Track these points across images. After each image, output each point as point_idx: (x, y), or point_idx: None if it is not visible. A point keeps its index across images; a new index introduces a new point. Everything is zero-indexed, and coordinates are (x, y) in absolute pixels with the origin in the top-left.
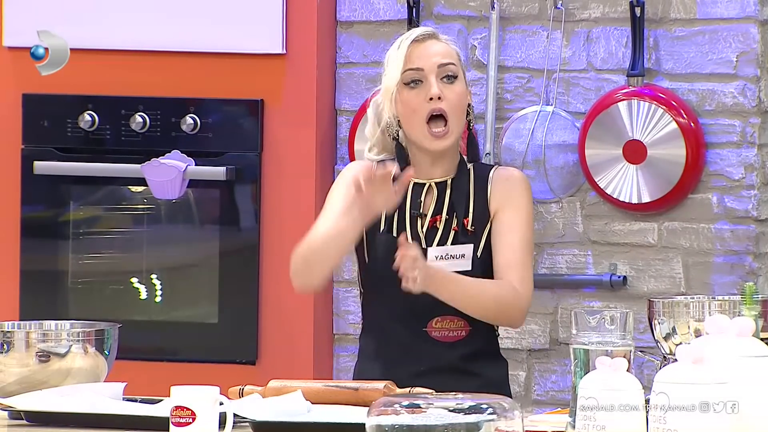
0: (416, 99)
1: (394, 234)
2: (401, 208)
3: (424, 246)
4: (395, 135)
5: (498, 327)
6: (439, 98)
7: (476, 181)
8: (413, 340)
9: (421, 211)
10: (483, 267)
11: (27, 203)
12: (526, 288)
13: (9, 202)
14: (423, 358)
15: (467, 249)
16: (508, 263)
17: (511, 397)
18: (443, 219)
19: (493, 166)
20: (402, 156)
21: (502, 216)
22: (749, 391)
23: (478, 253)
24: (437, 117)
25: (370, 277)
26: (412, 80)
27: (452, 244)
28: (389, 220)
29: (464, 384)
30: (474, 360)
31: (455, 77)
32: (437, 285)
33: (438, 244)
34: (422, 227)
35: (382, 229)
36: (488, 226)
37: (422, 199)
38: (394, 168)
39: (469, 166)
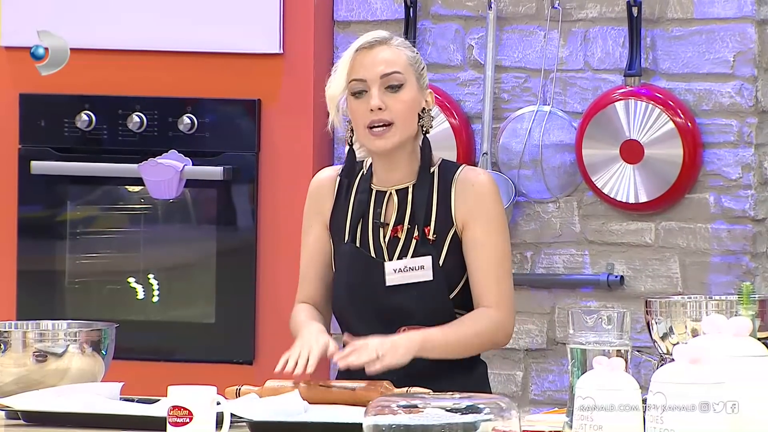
0: (360, 108)
1: (357, 244)
2: (364, 217)
3: (386, 258)
4: (349, 141)
5: None
6: (380, 109)
7: (440, 186)
8: None
9: (383, 220)
10: (446, 275)
11: (24, 203)
12: (505, 307)
13: (6, 201)
14: (393, 369)
15: (426, 261)
16: (484, 284)
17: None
18: (405, 228)
19: (460, 166)
20: (350, 161)
21: (473, 230)
22: (746, 391)
23: (440, 262)
24: (379, 126)
25: (337, 287)
26: (357, 91)
27: (413, 255)
28: (353, 230)
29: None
30: (444, 368)
31: (400, 86)
32: (419, 351)
33: (399, 255)
34: (384, 237)
35: (346, 240)
36: (451, 232)
37: (384, 207)
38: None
39: (433, 168)
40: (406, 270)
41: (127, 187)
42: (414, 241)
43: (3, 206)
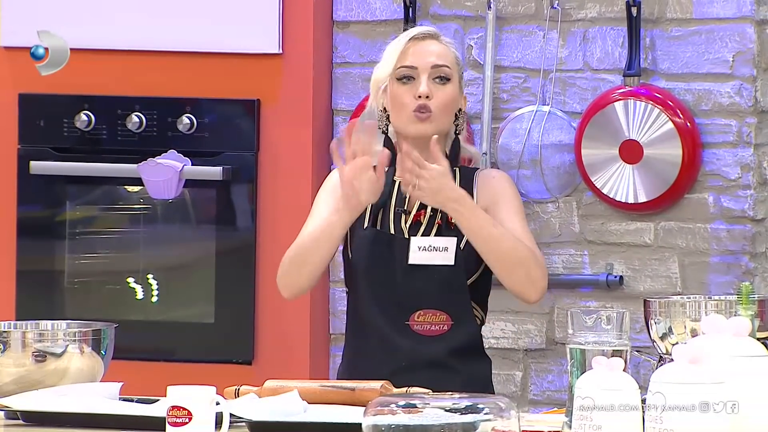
0: (405, 94)
1: (378, 228)
2: (386, 205)
3: (407, 237)
4: (384, 128)
5: (482, 323)
6: (428, 97)
7: (462, 180)
8: (395, 335)
9: (405, 207)
10: (466, 261)
11: (23, 203)
12: (541, 258)
13: (5, 201)
14: (404, 354)
15: (450, 242)
16: (516, 233)
17: (493, 392)
18: (427, 214)
19: (476, 169)
20: (390, 145)
21: (496, 210)
22: (745, 391)
23: (461, 246)
24: (424, 112)
25: (353, 273)
26: (405, 76)
27: (435, 236)
28: (373, 215)
29: (446, 380)
30: (456, 356)
31: (448, 79)
32: (456, 205)
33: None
34: (406, 222)
35: (366, 225)
36: None
37: (407, 196)
38: (378, 157)
39: (455, 168)
40: (431, 249)
41: (126, 187)
42: (436, 226)
43: (2, 206)
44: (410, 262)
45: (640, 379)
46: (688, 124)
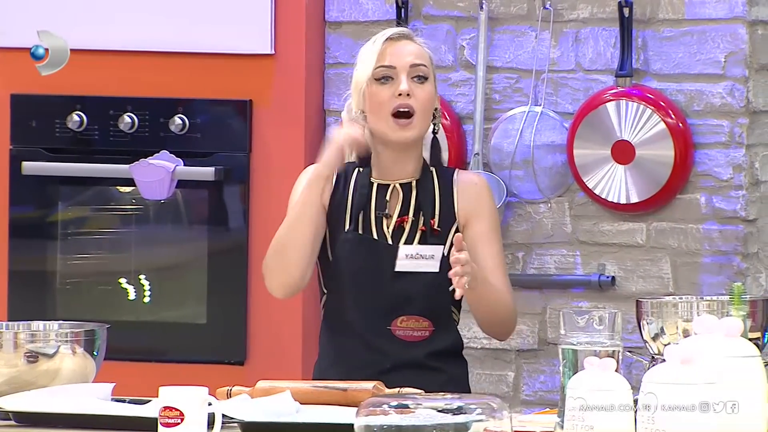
0: (385, 93)
1: (360, 232)
2: (366, 208)
3: (390, 243)
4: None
5: (457, 323)
6: (408, 95)
7: (440, 183)
8: (377, 339)
9: (386, 211)
10: (449, 268)
11: (15, 204)
12: (512, 294)
13: None
14: (387, 356)
15: (437, 250)
16: (494, 273)
17: (470, 392)
18: (410, 220)
19: (454, 169)
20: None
21: (476, 227)
22: (737, 391)
23: (444, 252)
24: (403, 114)
25: (334, 276)
26: (383, 76)
27: (420, 244)
28: (354, 219)
29: (428, 380)
30: (435, 358)
31: (426, 78)
32: (475, 285)
33: (405, 244)
34: (388, 227)
35: (347, 228)
36: (453, 228)
37: (387, 199)
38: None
39: (431, 168)
40: (418, 257)
41: (118, 187)
42: (420, 232)
43: None
44: (397, 269)
45: (632, 380)
46: (680, 124)
